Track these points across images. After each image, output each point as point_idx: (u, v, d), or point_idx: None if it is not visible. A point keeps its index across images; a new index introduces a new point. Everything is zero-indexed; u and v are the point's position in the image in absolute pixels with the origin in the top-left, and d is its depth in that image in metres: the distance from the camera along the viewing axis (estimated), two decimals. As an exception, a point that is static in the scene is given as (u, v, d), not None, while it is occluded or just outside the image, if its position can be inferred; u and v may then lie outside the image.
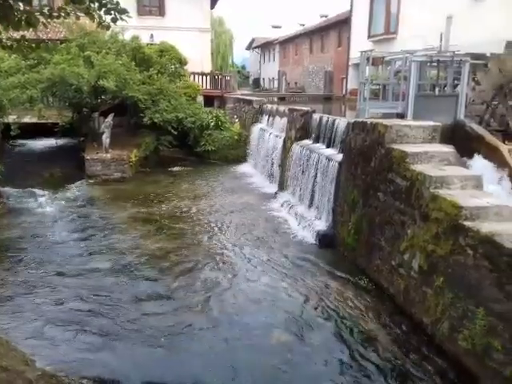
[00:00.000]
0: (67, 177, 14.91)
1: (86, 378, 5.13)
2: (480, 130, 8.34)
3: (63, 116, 16.57)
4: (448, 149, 7.32)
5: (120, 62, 15.67)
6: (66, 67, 14.71)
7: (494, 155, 7.61)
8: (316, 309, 6.85)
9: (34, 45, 5.27)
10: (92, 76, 14.91)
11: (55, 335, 6.11)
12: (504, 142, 8.57)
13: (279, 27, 43.80)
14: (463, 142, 8.05)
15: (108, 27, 4.54)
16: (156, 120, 16.24)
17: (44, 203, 12.29)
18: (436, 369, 5.38)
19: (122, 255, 8.78)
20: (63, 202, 12.41)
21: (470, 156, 7.68)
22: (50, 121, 16.46)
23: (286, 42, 37.49)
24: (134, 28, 17.37)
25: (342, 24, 25.30)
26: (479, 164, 7.43)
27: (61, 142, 18.90)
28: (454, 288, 5.49)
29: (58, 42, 17.50)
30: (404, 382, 5.24)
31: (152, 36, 22.34)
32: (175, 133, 16.95)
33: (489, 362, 4.84)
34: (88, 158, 15.11)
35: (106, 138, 15.14)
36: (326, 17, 33.90)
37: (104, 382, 5.20)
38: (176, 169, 17.09)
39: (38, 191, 13.26)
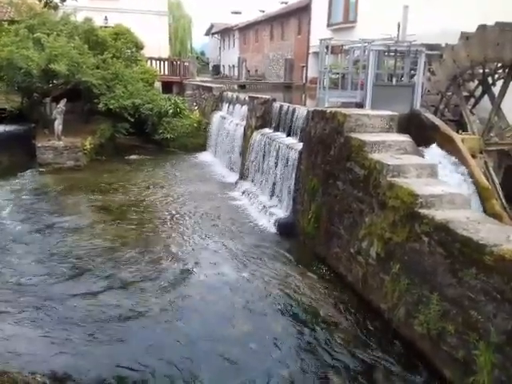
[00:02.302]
0: (17, 165, 14.21)
1: (38, 374, 4.91)
2: (435, 119, 8.56)
3: (11, 101, 15.71)
4: (404, 138, 7.46)
5: (72, 45, 14.97)
6: (14, 50, 13.93)
7: (448, 144, 7.83)
8: (276, 297, 6.86)
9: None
10: (42, 59, 14.18)
11: (4, 331, 5.80)
12: (458, 132, 8.84)
13: (239, 13, 43.24)
14: (419, 131, 8.24)
15: (56, 7, 4.30)
16: (111, 106, 15.69)
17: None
18: (393, 353, 5.51)
19: (75, 247, 8.45)
20: (11, 192, 11.79)
21: (426, 145, 7.88)
22: (-4, 106, 15.62)
23: (246, 29, 37.10)
24: (87, 9, 16.66)
25: (302, 11, 25.24)
26: (434, 153, 7.62)
27: (9, 128, 17.94)
28: (410, 274, 5.63)
29: (5, 23, 16.54)
30: (362, 367, 5.33)
31: (106, 18, 21.52)
32: (132, 120, 16.48)
33: (443, 345, 4.99)
34: (39, 145, 14.42)
35: (58, 125, 14.45)
36: (286, 3, 33.71)
37: (57, 378, 4.99)
38: (133, 157, 16.63)
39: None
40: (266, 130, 12.03)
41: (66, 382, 4.93)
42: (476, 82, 9.86)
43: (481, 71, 9.30)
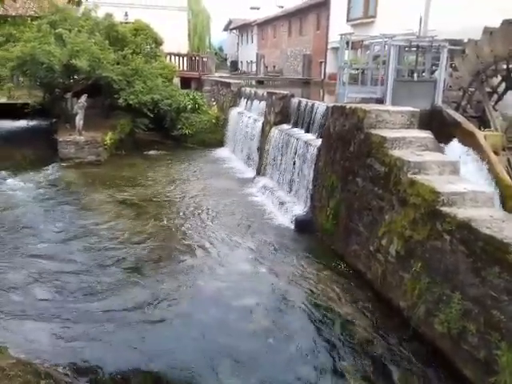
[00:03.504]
0: (39, 159, 14.44)
1: (61, 366, 5.01)
2: (457, 116, 8.41)
3: (34, 96, 15.98)
4: (426, 134, 7.36)
5: (93, 41, 15.14)
6: (37, 45, 14.13)
7: (470, 141, 7.68)
8: (293, 293, 6.86)
9: (1, 20, 4.99)
10: (64, 55, 14.37)
11: (29, 323, 5.94)
12: (480, 129, 8.67)
13: (257, 8, 43.06)
14: (440, 128, 8.11)
15: (79, 3, 4.33)
16: (131, 102, 15.83)
17: (14, 186, 11.88)
18: (412, 352, 5.47)
19: (96, 240, 8.58)
20: (35, 186, 12.03)
21: (447, 142, 7.75)
22: (19, 101, 15.87)
23: (264, 24, 36.94)
24: (108, 5, 16.81)
25: (321, 6, 25.01)
26: (456, 150, 7.50)
27: (32, 123, 18.27)
28: (431, 273, 5.56)
29: (28, 18, 16.80)
30: (380, 366, 5.30)
31: (126, 14, 21.65)
32: (151, 115, 16.59)
33: (463, 345, 4.93)
34: (61, 140, 14.64)
35: (79, 120, 14.66)
36: (305, -1, 33.46)
37: (79, 369, 5.09)
38: (152, 152, 16.77)
39: (8, 174, 12.81)
40: (285, 126, 11.99)
41: (87, 373, 5.03)
42: (499, 77, 9.65)
43: (504, 67, 9.09)
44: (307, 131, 10.81)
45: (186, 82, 22.00)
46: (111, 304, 6.45)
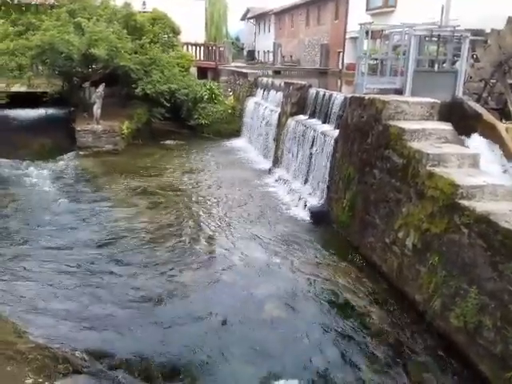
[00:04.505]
0: (58, 148, 14.62)
1: (78, 351, 5.11)
2: (478, 107, 8.22)
3: (53, 85, 16.15)
4: (446, 126, 7.25)
5: (111, 30, 15.19)
6: (56, 34, 14.25)
7: (491, 134, 7.52)
8: (308, 285, 6.87)
9: (23, 7, 5.02)
10: (82, 44, 14.46)
11: (48, 308, 6.07)
12: (501, 121, 8.49)
13: (275, -3, 42.62)
14: (461, 120, 7.95)
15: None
16: (148, 91, 15.90)
17: (34, 174, 12.08)
18: (426, 345, 5.45)
19: (115, 228, 8.70)
20: (54, 174, 12.22)
21: (468, 134, 7.61)
22: (39, 90, 16.05)
23: (281, 13, 36.59)
24: (127, -6, 16.82)
25: (339, -5, 24.67)
26: (477, 142, 7.36)
27: (50, 111, 18.48)
28: (448, 266, 5.51)
29: (48, 7, 16.91)
30: (394, 358, 5.29)
31: (144, 3, 21.68)
32: (168, 105, 16.65)
33: (479, 339, 4.89)
34: (79, 129, 14.81)
35: (97, 109, 14.79)
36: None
37: (96, 354, 5.18)
38: (168, 142, 16.85)
39: (27, 162, 13.03)
40: (301, 117, 11.92)
41: (104, 358, 5.12)
42: (523, 68, 9.42)
43: (529, 58, 8.88)
44: (324, 122, 10.72)
45: (202, 72, 21.98)
46: (126, 291, 6.55)
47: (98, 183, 11.56)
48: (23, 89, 15.77)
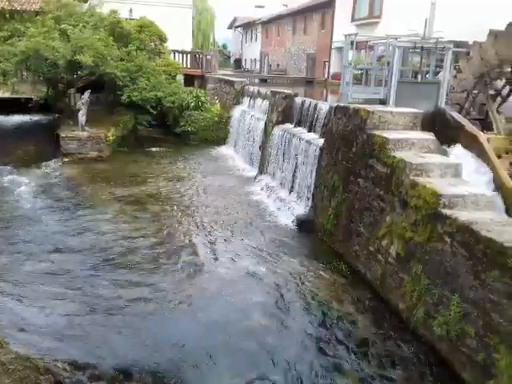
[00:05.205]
0: (41, 155, 14.45)
1: (60, 361, 5.02)
2: (460, 118, 8.39)
3: (38, 91, 15.98)
4: (428, 136, 7.36)
5: (97, 37, 15.12)
6: (41, 40, 14.13)
7: (473, 144, 7.67)
8: (293, 292, 6.87)
9: (7, 15, 4.98)
10: (68, 50, 14.36)
11: (30, 319, 5.96)
12: (483, 131, 8.65)
13: (262, 7, 42.94)
14: (443, 130, 8.09)
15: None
16: (134, 98, 15.86)
17: (16, 181, 11.90)
18: (410, 353, 5.48)
19: (98, 236, 8.60)
20: (36, 181, 12.04)
21: (450, 144, 7.74)
22: (23, 96, 15.87)
23: (268, 23, 36.85)
24: (113, 1, 16.77)
25: (325, 6, 24.94)
26: (458, 152, 7.49)
27: (35, 118, 18.26)
28: (431, 275, 5.57)
29: (34, 13, 16.77)
30: (378, 366, 5.31)
31: (131, 11, 21.62)
32: (154, 112, 16.61)
33: (462, 347, 4.93)
34: (63, 135, 14.64)
35: (82, 116, 14.67)
36: (309, -2, 33.35)
37: (78, 365, 5.10)
38: (154, 149, 16.78)
39: (9, 168, 12.83)
40: (287, 125, 11.99)
41: (86, 369, 5.04)
42: (503, 80, 9.62)
43: (509, 69, 9.07)
44: (310, 130, 10.80)
45: (189, 80, 21.95)
46: (110, 300, 6.46)
47: (81, 190, 11.43)
48: (7, 94, 15.58)
